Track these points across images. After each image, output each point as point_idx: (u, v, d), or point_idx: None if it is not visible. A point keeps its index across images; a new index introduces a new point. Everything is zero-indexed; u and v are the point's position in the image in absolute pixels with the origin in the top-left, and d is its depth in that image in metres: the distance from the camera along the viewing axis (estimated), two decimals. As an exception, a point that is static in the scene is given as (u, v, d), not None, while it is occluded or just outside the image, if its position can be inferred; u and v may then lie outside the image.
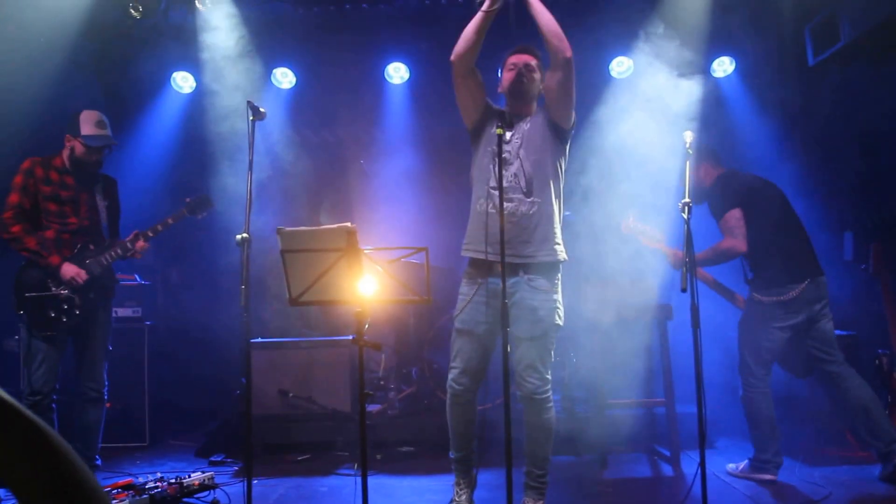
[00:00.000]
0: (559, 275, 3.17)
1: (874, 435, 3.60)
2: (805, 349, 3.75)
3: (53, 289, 3.78)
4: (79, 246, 3.87)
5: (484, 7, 3.00)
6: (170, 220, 3.97)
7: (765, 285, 3.73)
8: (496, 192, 2.91)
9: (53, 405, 3.79)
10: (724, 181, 3.87)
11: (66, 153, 3.90)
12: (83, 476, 0.85)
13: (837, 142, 4.85)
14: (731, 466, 3.90)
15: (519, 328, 3.07)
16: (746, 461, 3.81)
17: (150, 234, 3.94)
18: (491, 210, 3.01)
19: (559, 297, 3.14)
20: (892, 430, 3.60)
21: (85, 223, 3.90)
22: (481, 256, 3.10)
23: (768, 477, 3.69)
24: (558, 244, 3.13)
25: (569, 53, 3.02)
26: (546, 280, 3.08)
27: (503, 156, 3.08)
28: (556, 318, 3.10)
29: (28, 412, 0.87)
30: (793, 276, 3.67)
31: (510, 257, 3.00)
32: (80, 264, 3.83)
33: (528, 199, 3.08)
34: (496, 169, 2.89)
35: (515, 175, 3.10)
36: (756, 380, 3.73)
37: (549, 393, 3.12)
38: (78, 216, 3.88)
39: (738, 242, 3.68)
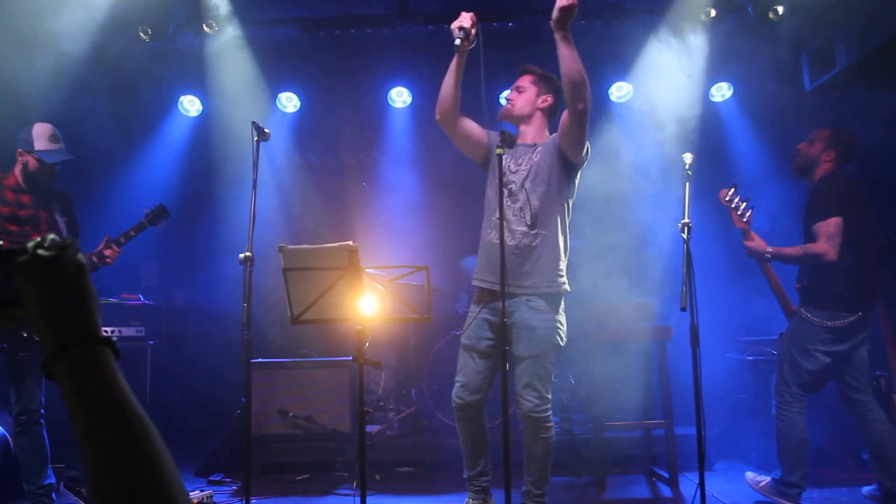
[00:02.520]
0: (562, 301, 3.19)
1: (885, 472, 3.53)
2: (834, 370, 3.65)
3: None
4: None
5: (457, 43, 2.98)
6: (132, 233, 3.92)
7: (817, 303, 3.59)
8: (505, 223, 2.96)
9: (41, 419, 3.78)
10: (838, 183, 3.67)
11: (18, 169, 3.78)
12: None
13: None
14: (750, 475, 3.79)
15: (518, 347, 3.10)
16: (770, 480, 3.67)
17: (123, 241, 3.88)
18: (496, 241, 2.97)
19: (561, 318, 3.14)
20: None
21: None
22: (484, 286, 3.20)
23: None
24: (561, 276, 3.14)
25: (581, 105, 2.93)
26: (545, 302, 3.10)
27: (509, 187, 3.15)
28: (557, 337, 3.11)
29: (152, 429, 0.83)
30: (849, 306, 3.52)
31: (512, 287, 3.05)
32: None
33: (532, 232, 3.10)
34: (502, 199, 2.93)
35: (521, 209, 3.12)
36: (793, 399, 3.62)
37: (549, 412, 3.12)
38: (40, 234, 3.75)
39: (832, 252, 3.48)
